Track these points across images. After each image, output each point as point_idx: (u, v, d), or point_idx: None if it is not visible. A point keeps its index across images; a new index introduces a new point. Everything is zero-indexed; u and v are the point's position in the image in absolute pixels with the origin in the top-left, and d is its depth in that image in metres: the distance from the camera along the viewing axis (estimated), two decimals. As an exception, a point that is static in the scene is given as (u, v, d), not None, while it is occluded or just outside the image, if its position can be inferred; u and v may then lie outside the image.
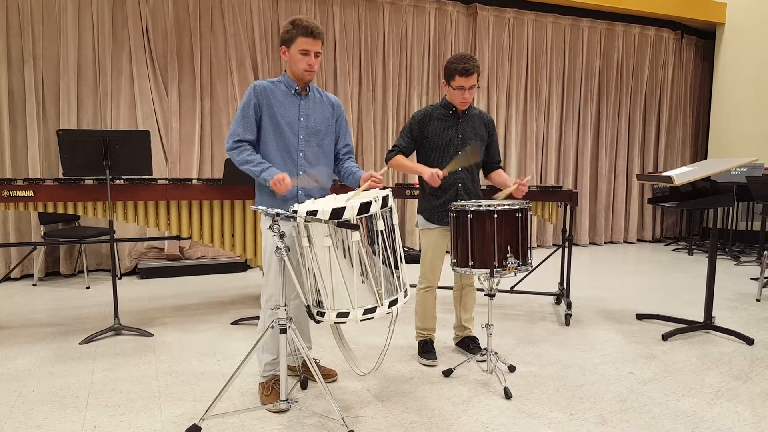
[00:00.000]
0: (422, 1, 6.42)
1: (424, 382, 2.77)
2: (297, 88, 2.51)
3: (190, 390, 2.64)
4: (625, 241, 7.89)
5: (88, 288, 4.74)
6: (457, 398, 2.57)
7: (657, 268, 5.94)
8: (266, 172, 2.38)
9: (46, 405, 2.47)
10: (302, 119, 2.51)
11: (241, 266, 5.51)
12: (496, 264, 2.63)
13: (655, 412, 2.45)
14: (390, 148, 3.02)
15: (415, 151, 3.08)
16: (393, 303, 2.15)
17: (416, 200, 3.28)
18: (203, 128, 5.62)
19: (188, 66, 5.51)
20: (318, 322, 2.21)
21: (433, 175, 2.75)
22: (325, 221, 2.02)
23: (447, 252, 2.98)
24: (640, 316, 3.94)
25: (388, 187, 2.40)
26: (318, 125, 2.55)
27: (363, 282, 2.09)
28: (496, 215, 2.63)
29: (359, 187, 2.45)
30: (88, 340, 3.31)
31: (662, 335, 3.49)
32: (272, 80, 2.52)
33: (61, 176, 4.12)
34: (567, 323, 3.78)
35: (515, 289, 4.43)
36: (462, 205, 2.70)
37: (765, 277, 4.72)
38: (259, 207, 2.25)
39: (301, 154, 2.51)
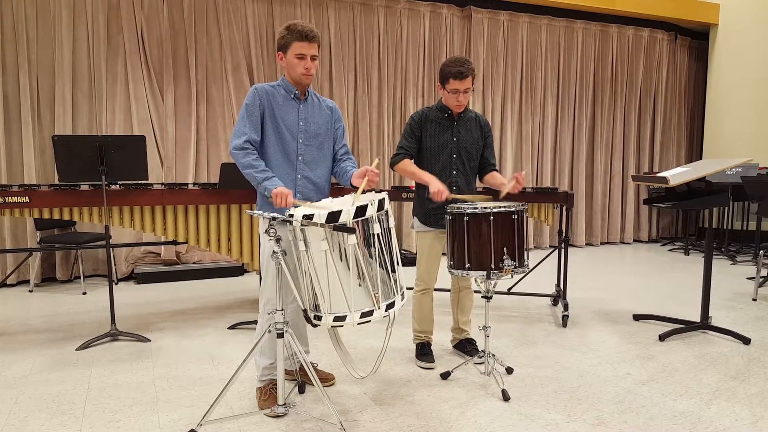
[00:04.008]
0: (417, 4, 6.44)
1: (422, 384, 2.77)
2: (296, 92, 2.52)
3: (187, 395, 2.63)
4: (622, 242, 7.91)
5: (84, 294, 4.73)
6: (455, 401, 2.57)
7: (653, 269, 5.96)
8: (269, 181, 2.37)
9: (43, 412, 2.45)
10: (301, 123, 2.52)
11: (238, 270, 5.50)
12: (493, 266, 2.63)
13: (652, 413, 2.46)
14: (395, 151, 2.98)
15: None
16: (390, 306, 2.15)
17: (412, 203, 3.27)
18: (199, 133, 5.62)
19: (183, 70, 5.51)
20: (315, 325, 2.20)
21: (439, 191, 2.70)
22: (322, 225, 2.02)
23: (443, 254, 2.98)
24: (637, 317, 3.95)
25: (384, 190, 2.41)
26: (317, 129, 2.56)
27: (360, 285, 2.09)
28: (492, 217, 2.63)
29: (352, 183, 2.47)
30: (84, 346, 3.30)
31: (659, 336, 3.50)
32: (272, 84, 2.53)
33: (56, 182, 4.12)
34: (564, 324, 3.78)
35: (512, 290, 4.43)
36: (458, 208, 2.70)
37: (761, 277, 4.73)
38: (255, 211, 2.25)
39: (300, 158, 2.52)
